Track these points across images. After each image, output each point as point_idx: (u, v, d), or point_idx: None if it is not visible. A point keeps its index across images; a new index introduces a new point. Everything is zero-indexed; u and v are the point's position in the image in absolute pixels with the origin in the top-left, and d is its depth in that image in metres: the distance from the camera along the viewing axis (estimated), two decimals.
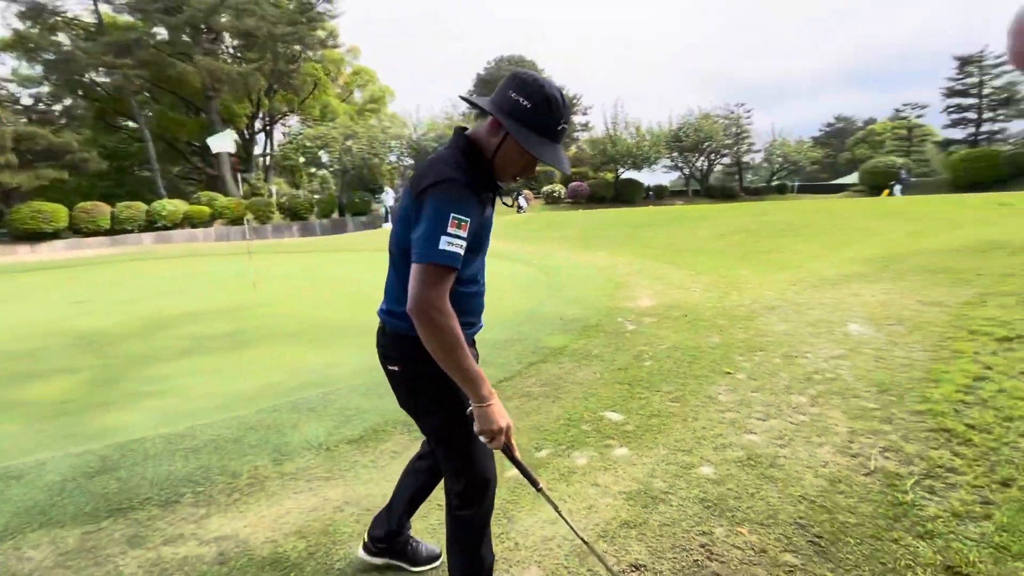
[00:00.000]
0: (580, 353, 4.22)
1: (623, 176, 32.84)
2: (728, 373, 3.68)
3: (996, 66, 33.76)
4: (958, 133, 37.05)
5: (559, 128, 1.30)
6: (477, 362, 1.36)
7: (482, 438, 1.33)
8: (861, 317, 4.79)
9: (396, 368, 1.46)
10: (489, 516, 1.54)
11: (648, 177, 36.50)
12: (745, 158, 36.90)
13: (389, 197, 25.55)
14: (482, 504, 1.50)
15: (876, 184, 29.44)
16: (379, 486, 2.37)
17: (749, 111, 35.15)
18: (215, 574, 1.82)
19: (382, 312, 1.49)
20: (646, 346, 4.34)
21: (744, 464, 2.47)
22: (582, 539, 1.44)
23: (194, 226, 22.97)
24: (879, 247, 7.91)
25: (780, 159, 34.82)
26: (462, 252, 1.23)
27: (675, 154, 33.83)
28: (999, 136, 35.20)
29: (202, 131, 26.43)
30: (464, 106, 30.10)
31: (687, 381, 3.55)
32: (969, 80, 35.26)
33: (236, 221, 22.83)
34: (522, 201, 27.46)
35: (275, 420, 3.05)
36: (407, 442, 2.77)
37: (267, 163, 34.99)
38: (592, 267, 8.73)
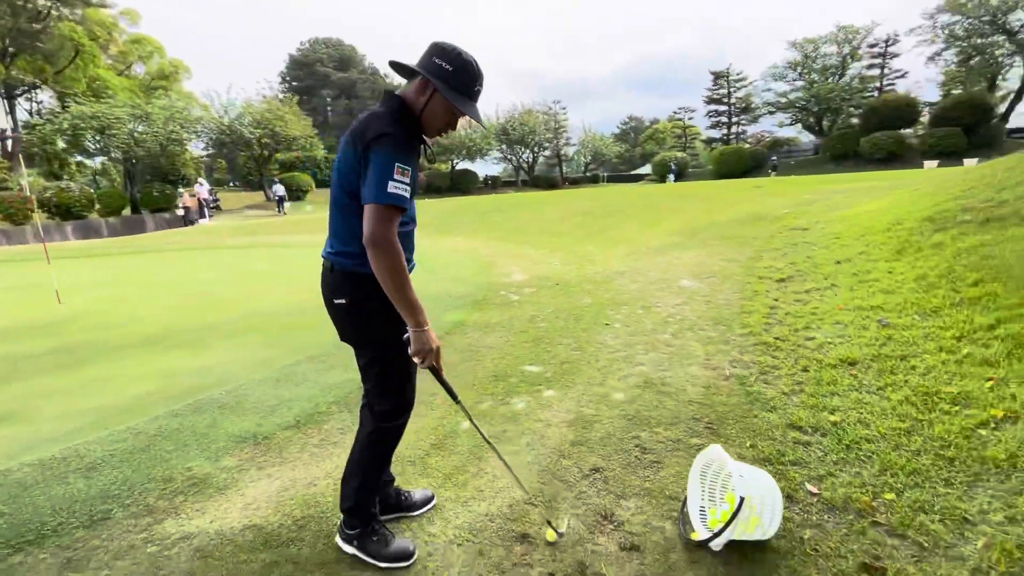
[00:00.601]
0: (480, 324, 4.53)
1: (459, 167, 33.66)
2: (607, 324, 4.37)
3: (738, 80, 43.02)
4: (716, 133, 46.31)
5: (475, 88, 1.55)
6: None
7: (416, 358, 1.54)
8: (687, 274, 6.01)
9: (343, 301, 1.60)
10: (399, 438, 1.76)
11: (481, 167, 38.04)
12: (563, 151, 40.81)
13: (280, 188, 22.67)
14: (399, 424, 1.72)
15: (663, 173, 35.38)
16: (342, 458, 2.38)
17: (564, 108, 38.93)
18: (202, 568, 1.71)
19: (328, 253, 1.62)
20: (535, 312, 4.85)
21: (643, 387, 3.08)
22: (488, 442, 1.83)
23: None
24: (684, 222, 9.78)
25: (592, 152, 39.34)
26: (407, 195, 1.45)
27: (504, 146, 35.81)
28: (743, 136, 45.01)
29: None
30: (285, 87, 27.45)
31: (579, 334, 4.13)
32: (721, 91, 44.24)
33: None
34: None
35: (183, 424, 2.74)
36: (349, 420, 2.77)
37: (7, 148, 27.06)
38: (456, 251, 9.04)
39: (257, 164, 25.74)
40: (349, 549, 1.74)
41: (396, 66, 1.59)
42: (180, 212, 21.39)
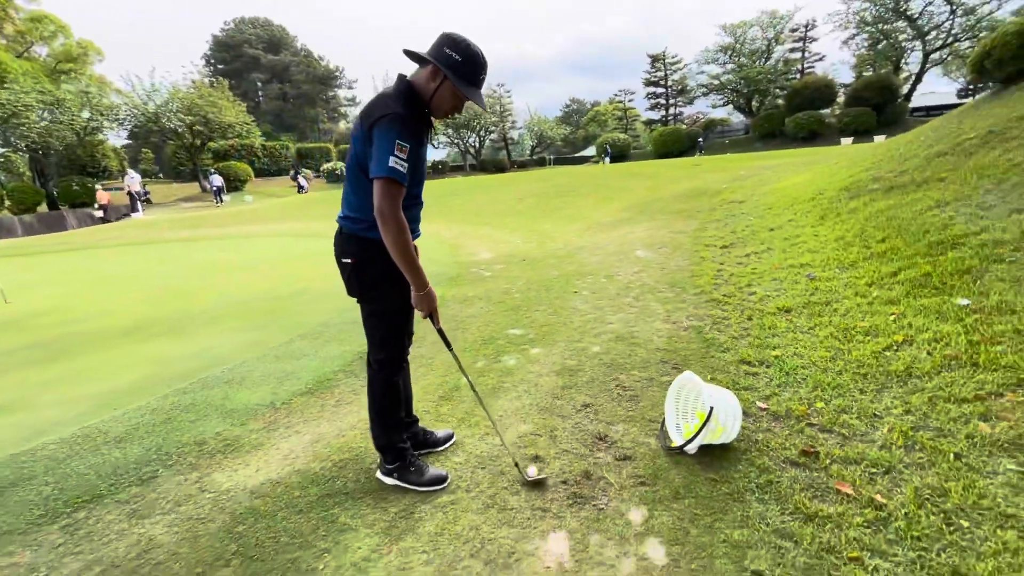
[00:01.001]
0: (459, 298, 4.81)
1: None
2: (576, 292, 4.77)
3: (674, 63, 44.53)
4: (656, 114, 47.90)
5: (481, 77, 1.80)
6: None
7: (419, 312, 1.85)
8: (641, 246, 6.52)
9: (349, 261, 1.86)
10: (398, 378, 2.01)
11: (428, 152, 37.54)
12: (509, 134, 40.98)
13: (217, 178, 21.34)
14: (397, 369, 1.99)
15: (608, 154, 36.38)
16: (362, 413, 2.63)
17: (509, 91, 38.99)
18: (261, 506, 1.95)
19: (340, 218, 1.88)
20: (508, 284, 5.18)
21: (616, 340, 3.50)
22: (475, 393, 2.19)
23: None
24: (633, 199, 10.37)
25: (538, 135, 39.73)
26: (404, 171, 1.66)
27: (450, 131, 35.52)
28: (680, 117, 46.82)
29: None
30: (210, 69, 25.79)
31: (552, 301, 4.51)
32: (658, 74, 45.68)
33: None
34: (302, 180, 25.47)
35: (195, 399, 2.88)
36: (358, 383, 3.01)
37: None
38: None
39: (189, 154, 24.25)
40: (390, 481, 2.02)
41: (409, 54, 1.82)
42: (98, 213, 19.76)
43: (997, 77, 6.51)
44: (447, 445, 2.30)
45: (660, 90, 45.83)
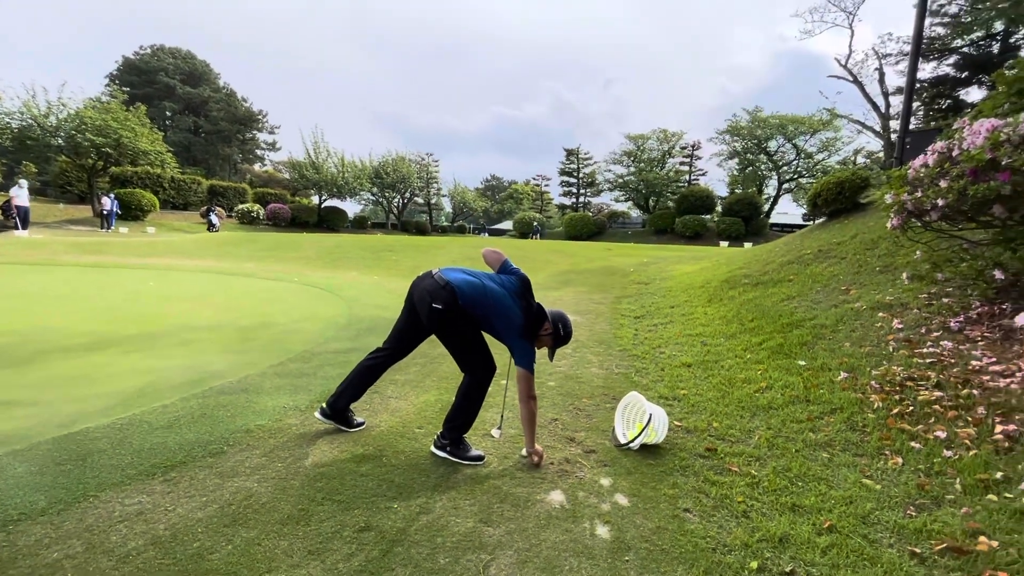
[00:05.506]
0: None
1: (327, 204, 33.02)
2: None
3: (586, 159, 50.15)
4: (567, 200, 52.79)
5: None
6: None
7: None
8: (571, 311, 7.66)
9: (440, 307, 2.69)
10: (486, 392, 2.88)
11: (349, 207, 37.68)
12: (433, 200, 42.59)
13: (108, 201, 19.49)
14: (487, 382, 2.85)
15: (524, 230, 39.12)
16: (396, 407, 3.21)
17: (436, 160, 41.04)
18: (328, 472, 2.49)
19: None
20: None
21: (566, 378, 4.41)
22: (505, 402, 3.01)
23: None
24: (558, 270, 11.78)
25: (461, 204, 41.74)
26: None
27: (376, 189, 36.25)
28: (588, 205, 52.03)
29: None
30: (111, 89, 24.45)
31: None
32: (572, 166, 51.01)
33: None
34: (214, 218, 24.36)
35: (219, 401, 3.25)
36: (379, 388, 3.56)
37: None
38: (361, 283, 9.64)
39: (88, 175, 22.31)
40: (441, 454, 2.69)
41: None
42: None
43: (825, 212, 8.90)
44: (356, 429, 2.97)
45: (573, 180, 50.90)
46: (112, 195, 21.34)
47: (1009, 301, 3.81)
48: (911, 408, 3.13)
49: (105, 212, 20.93)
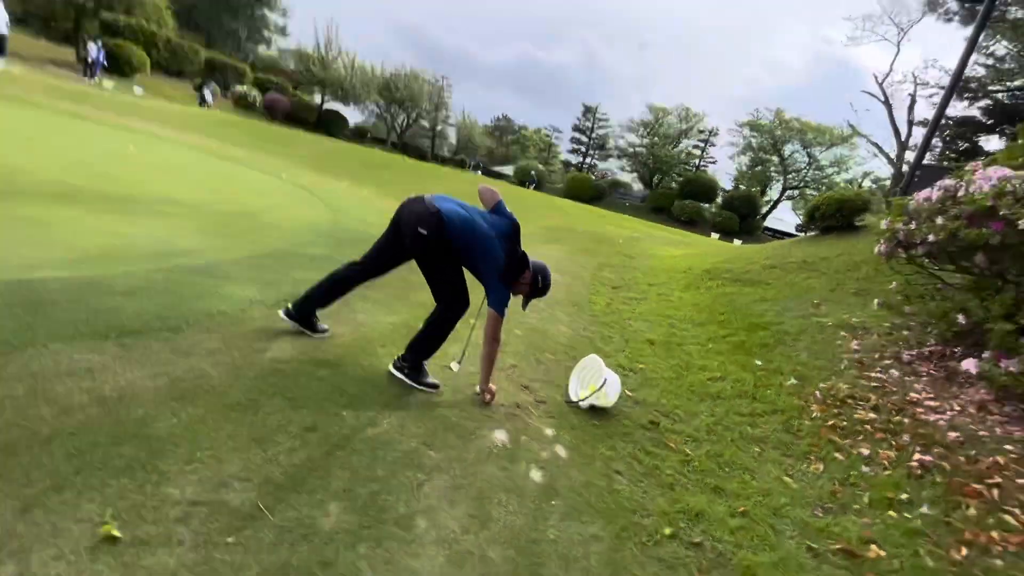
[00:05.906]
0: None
1: (327, 105, 31.56)
2: None
3: (603, 120, 48.80)
4: (574, 158, 51.77)
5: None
6: None
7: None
8: (551, 268, 7.67)
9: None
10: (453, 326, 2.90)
11: (351, 114, 36.11)
12: (439, 126, 41.15)
13: (94, 48, 18.14)
14: (458, 315, 2.87)
15: (522, 178, 38.44)
16: (370, 315, 3.23)
17: (451, 84, 39.30)
18: (284, 368, 2.51)
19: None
20: None
21: (532, 332, 4.48)
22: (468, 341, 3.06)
23: None
24: (551, 225, 11.71)
25: (467, 138, 40.47)
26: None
27: (382, 102, 34.72)
28: (593, 168, 51.16)
29: None
30: None
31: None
32: (587, 124, 49.63)
33: None
34: (207, 94, 23.10)
35: (185, 280, 3.20)
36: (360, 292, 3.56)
37: None
38: (350, 195, 9.42)
39: (76, 13, 20.62)
40: (399, 375, 2.73)
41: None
42: None
43: (819, 225, 8.97)
44: (319, 335, 2.98)
45: (584, 139, 49.68)
46: (100, 43, 19.90)
47: (962, 346, 3.98)
48: (845, 423, 3.31)
49: (90, 60, 19.58)
